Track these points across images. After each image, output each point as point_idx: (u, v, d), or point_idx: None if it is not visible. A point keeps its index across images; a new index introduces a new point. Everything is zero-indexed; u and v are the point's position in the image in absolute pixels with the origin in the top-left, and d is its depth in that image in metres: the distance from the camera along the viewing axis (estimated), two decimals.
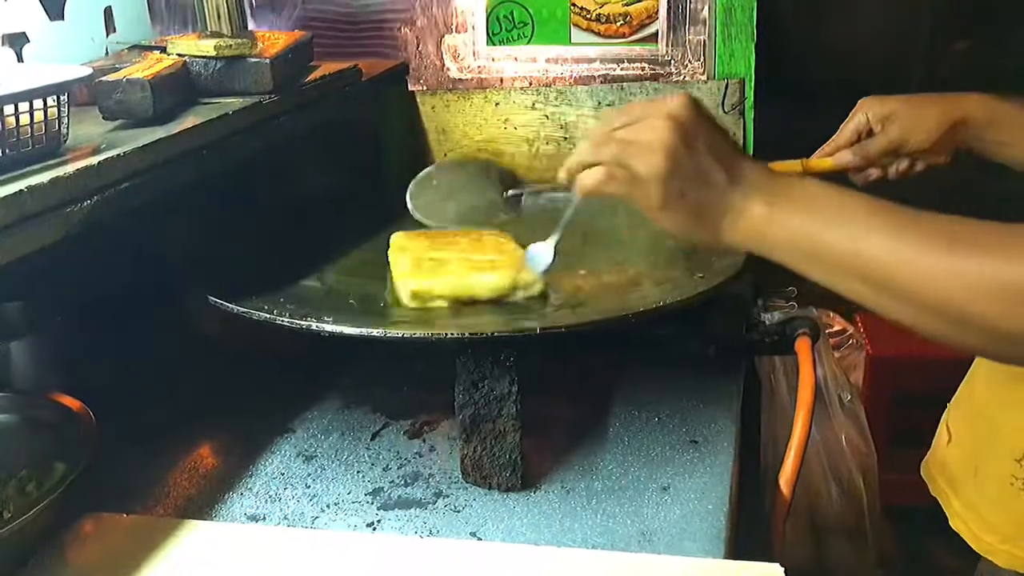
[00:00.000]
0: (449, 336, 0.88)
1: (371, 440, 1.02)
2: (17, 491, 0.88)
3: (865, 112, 1.08)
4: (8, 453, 0.92)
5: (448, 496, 0.91)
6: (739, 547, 0.87)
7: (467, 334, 0.88)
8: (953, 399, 1.10)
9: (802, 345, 1.06)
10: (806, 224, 0.71)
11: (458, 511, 0.89)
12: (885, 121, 1.07)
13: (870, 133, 1.08)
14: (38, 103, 0.83)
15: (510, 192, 1.14)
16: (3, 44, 1.13)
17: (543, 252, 0.96)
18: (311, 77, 1.28)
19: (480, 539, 0.84)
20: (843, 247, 0.69)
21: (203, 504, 0.91)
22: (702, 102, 0.77)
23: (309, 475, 0.96)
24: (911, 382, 1.89)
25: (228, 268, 1.04)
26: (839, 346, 1.38)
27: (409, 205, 1.15)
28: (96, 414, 0.91)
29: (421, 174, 1.16)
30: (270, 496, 0.92)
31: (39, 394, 0.95)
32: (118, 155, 0.85)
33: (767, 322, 1.11)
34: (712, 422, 1.01)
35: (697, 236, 0.77)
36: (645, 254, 1.15)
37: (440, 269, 1.01)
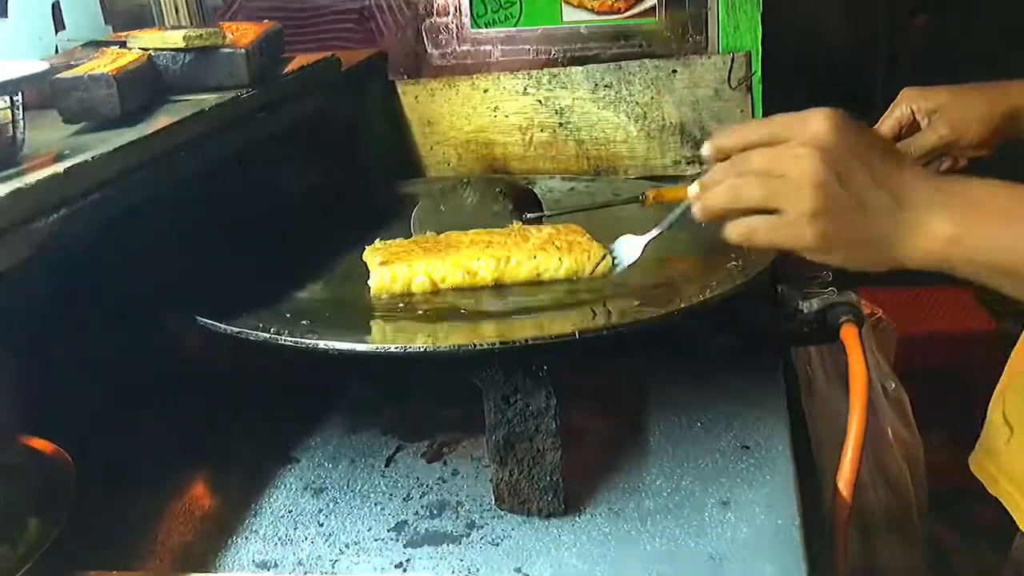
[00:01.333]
0: (477, 347, 0.78)
1: (385, 466, 0.92)
2: None
3: (909, 104, 1.01)
4: None
5: (483, 527, 0.81)
6: None
7: (497, 343, 0.78)
8: (1006, 385, 1.03)
9: (848, 334, 0.97)
10: (1002, 239, 0.64)
11: (497, 544, 0.79)
12: (932, 115, 1.00)
13: (912, 127, 1.02)
14: None
15: (528, 216, 1.04)
16: None
17: (632, 247, 0.91)
18: (288, 69, 1.17)
19: (527, 575, 0.74)
20: None
21: (204, 552, 0.80)
22: (848, 115, 0.68)
23: (321, 511, 0.85)
24: (937, 359, 1.84)
25: (213, 283, 0.93)
26: (871, 331, 1.30)
27: (414, 230, 1.05)
28: (73, 457, 0.80)
29: (425, 197, 1.05)
30: (280, 538, 0.82)
31: (6, 437, 0.83)
32: (87, 161, 0.74)
33: (805, 310, 1.02)
34: (761, 423, 0.92)
35: (868, 267, 0.70)
36: (665, 242, 1.06)
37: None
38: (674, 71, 1.35)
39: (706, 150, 0.76)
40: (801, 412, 1.08)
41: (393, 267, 0.95)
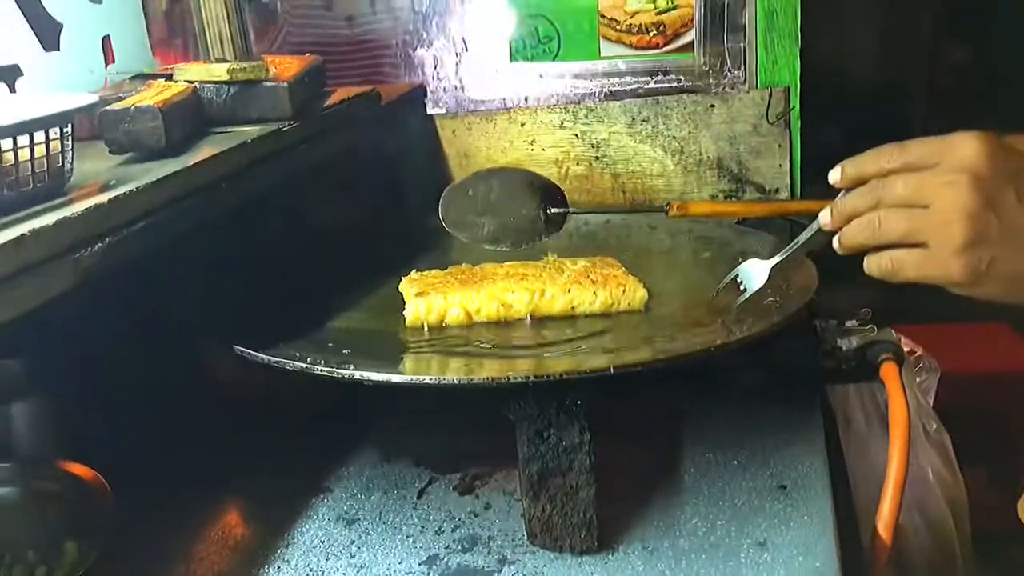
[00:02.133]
0: (511, 380, 0.78)
1: (418, 498, 0.91)
2: None
3: None
4: (12, 532, 0.81)
5: (515, 563, 0.80)
6: None
7: (531, 377, 0.78)
8: None
9: (889, 371, 0.96)
10: None
11: None
12: None
13: None
14: (38, 136, 0.73)
15: (552, 210, 1.04)
16: None
17: (758, 271, 0.89)
18: (329, 102, 1.19)
19: None
20: None
21: None
22: (997, 138, 0.64)
23: (353, 542, 0.85)
24: (981, 398, 1.79)
25: (251, 312, 0.94)
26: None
27: (440, 214, 1.05)
28: (110, 482, 0.80)
29: (456, 183, 1.06)
30: (311, 569, 0.82)
31: (46, 463, 0.84)
32: (131, 191, 0.76)
33: (844, 347, 1.01)
34: (798, 463, 0.90)
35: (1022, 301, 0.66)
36: (699, 275, 1.05)
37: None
38: (712, 106, 1.35)
39: (835, 176, 0.73)
40: (839, 451, 1.06)
41: (428, 298, 0.96)
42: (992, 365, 1.95)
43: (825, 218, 0.75)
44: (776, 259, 0.89)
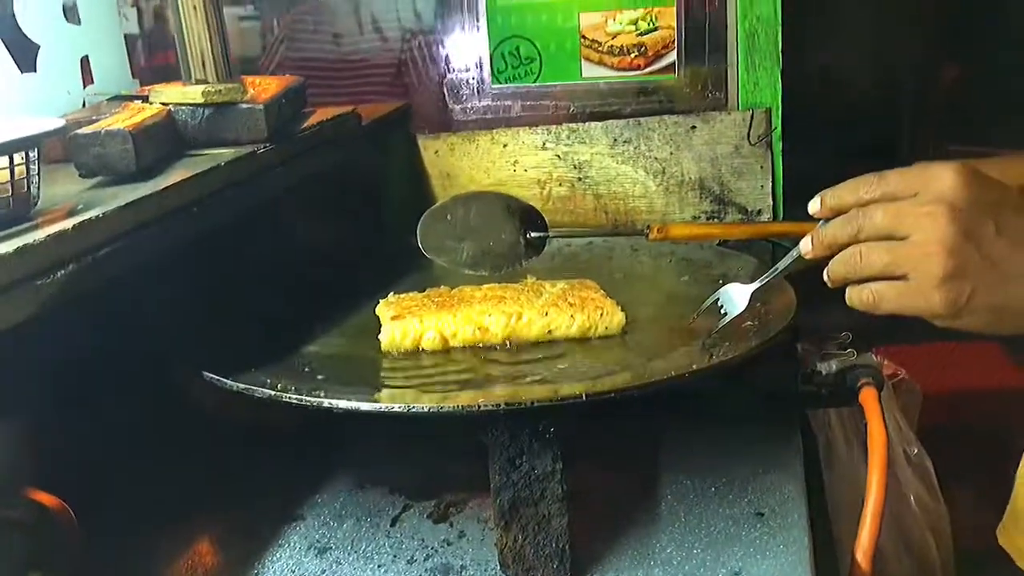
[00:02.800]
0: (481, 407, 0.77)
1: (391, 526, 0.90)
2: None
3: None
4: None
5: None
6: None
7: (502, 404, 0.77)
8: None
9: (868, 396, 0.95)
10: None
11: None
12: None
13: None
14: (3, 161, 0.72)
15: (532, 234, 1.03)
16: None
17: (739, 295, 0.90)
18: (307, 124, 1.18)
19: None
20: None
21: None
22: (976, 169, 0.64)
23: (324, 571, 0.84)
24: (964, 416, 1.78)
25: (222, 338, 0.93)
26: (894, 390, 1.27)
27: (419, 239, 1.04)
28: (76, 511, 0.79)
29: (434, 207, 1.05)
30: None
31: (10, 491, 0.83)
32: (97, 216, 0.75)
33: (823, 372, 1.00)
34: (776, 490, 0.90)
35: (1005, 331, 0.66)
36: (679, 298, 1.05)
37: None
38: (693, 127, 1.35)
39: (814, 206, 0.74)
40: (819, 478, 1.05)
41: (404, 322, 0.95)
42: (979, 383, 1.95)
43: (806, 246, 0.76)
44: (756, 284, 0.89)
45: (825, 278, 0.74)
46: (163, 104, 1.02)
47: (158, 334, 0.91)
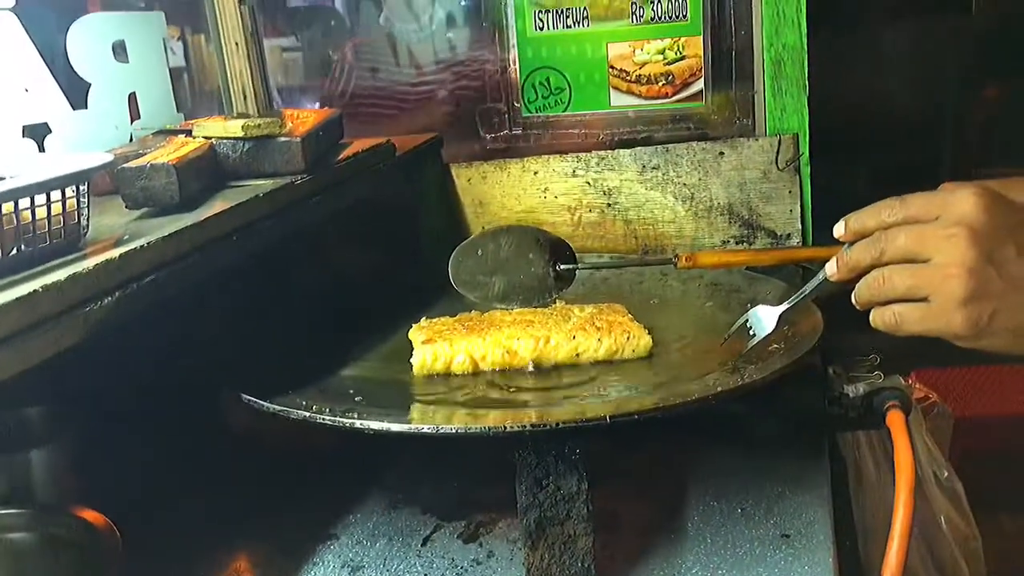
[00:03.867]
0: (508, 429, 0.79)
1: (422, 546, 0.92)
2: None
3: None
4: None
5: None
6: None
7: (528, 426, 0.79)
8: None
9: (895, 419, 0.95)
10: None
11: None
12: None
13: None
14: (55, 195, 0.76)
15: (561, 267, 1.06)
16: (24, 135, 1.08)
17: (768, 317, 0.92)
18: (343, 155, 1.22)
19: None
20: None
21: None
22: (997, 192, 0.66)
23: None
24: (1001, 440, 1.76)
25: (261, 362, 0.96)
26: (924, 416, 1.27)
27: (451, 276, 1.07)
28: (121, 527, 0.82)
29: (465, 243, 1.08)
30: None
31: (60, 509, 0.86)
32: (141, 246, 0.78)
33: (851, 394, 1.01)
34: (802, 512, 0.90)
35: None
36: (707, 322, 1.06)
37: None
38: (721, 153, 1.37)
39: (839, 230, 0.76)
40: (847, 500, 1.05)
41: (434, 346, 0.98)
42: (1014, 409, 1.93)
43: (831, 269, 0.78)
44: (785, 306, 0.91)
45: (853, 301, 0.76)
46: (205, 138, 1.06)
47: (199, 358, 0.95)
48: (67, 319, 0.70)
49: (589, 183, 1.42)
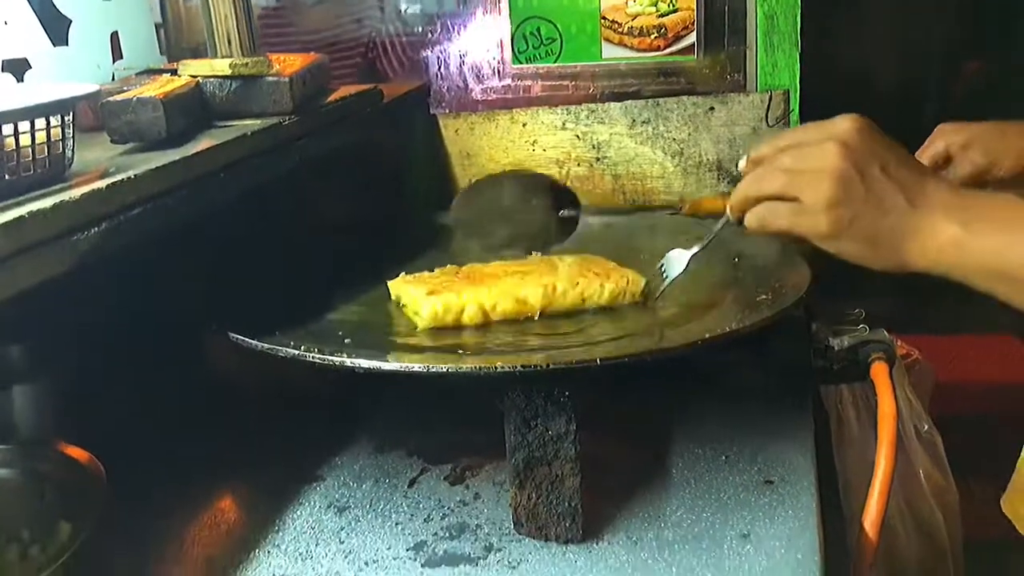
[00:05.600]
0: (498, 370, 0.79)
1: (409, 487, 0.92)
2: (19, 556, 0.79)
3: (943, 140, 1.02)
4: (8, 513, 0.83)
5: (500, 550, 0.81)
6: None
7: (518, 367, 0.79)
8: None
9: (879, 371, 0.97)
10: (1006, 244, 0.67)
11: (513, 567, 0.79)
12: (966, 148, 1.01)
13: (947, 162, 1.02)
14: (40, 123, 0.75)
15: (564, 212, 1.05)
16: (3, 70, 1.06)
17: (679, 260, 0.95)
18: (330, 99, 1.20)
19: None
20: None
21: (227, 564, 0.82)
22: (875, 125, 0.74)
23: (342, 528, 0.86)
24: (979, 406, 1.79)
25: (247, 301, 0.95)
26: (907, 372, 1.28)
27: (452, 223, 1.06)
28: (106, 465, 0.82)
29: (466, 189, 1.07)
30: (300, 553, 0.83)
31: (43, 445, 0.86)
32: (128, 178, 0.77)
33: (836, 347, 1.02)
34: (786, 459, 0.91)
35: (875, 263, 0.74)
36: (697, 275, 1.06)
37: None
38: (712, 108, 1.36)
39: (742, 164, 0.82)
40: (829, 451, 1.07)
41: (443, 297, 0.95)
42: (997, 375, 1.95)
43: (728, 212, 0.83)
44: (696, 248, 0.95)
45: (727, 209, 0.82)
46: (192, 76, 1.04)
47: (186, 295, 0.94)
48: (53, 247, 0.69)
49: (578, 136, 1.41)
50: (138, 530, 0.86)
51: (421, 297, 0.96)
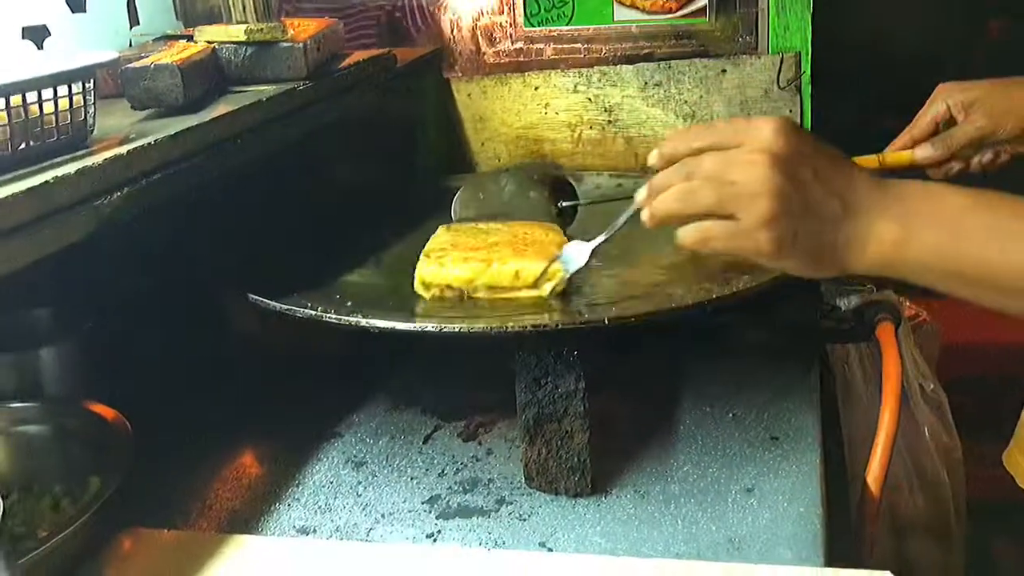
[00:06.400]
0: (509, 329, 0.81)
1: (424, 444, 0.95)
2: (51, 508, 0.83)
3: (945, 100, 1.00)
4: (41, 467, 0.87)
5: (512, 503, 0.84)
6: None
7: (529, 326, 0.81)
8: None
9: (885, 331, 0.98)
10: (944, 240, 0.66)
11: (524, 519, 0.82)
12: (969, 109, 0.99)
13: (950, 123, 1.01)
14: (62, 90, 0.77)
15: (563, 204, 1.07)
16: (23, 37, 1.08)
17: (579, 252, 0.89)
18: (344, 64, 1.21)
19: (551, 549, 0.77)
20: (989, 259, 0.64)
21: (248, 517, 0.85)
22: (796, 123, 0.70)
23: (360, 483, 0.89)
24: (987, 368, 1.80)
25: (266, 264, 0.98)
26: (913, 332, 1.30)
27: (454, 218, 1.07)
28: (132, 423, 0.85)
29: (466, 185, 1.08)
30: (320, 507, 0.86)
31: (72, 403, 0.89)
32: (149, 144, 0.79)
33: (842, 307, 1.03)
34: (792, 417, 0.93)
35: (817, 273, 0.70)
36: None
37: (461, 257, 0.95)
38: (723, 71, 1.36)
39: (653, 158, 0.75)
40: (836, 409, 1.09)
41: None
42: (1006, 337, 1.95)
43: (641, 195, 0.75)
44: (598, 240, 0.88)
45: (645, 216, 0.74)
46: (208, 43, 1.06)
47: (206, 258, 0.96)
48: (77, 212, 0.72)
49: (590, 99, 1.42)
50: (164, 483, 0.89)
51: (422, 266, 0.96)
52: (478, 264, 0.91)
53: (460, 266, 0.91)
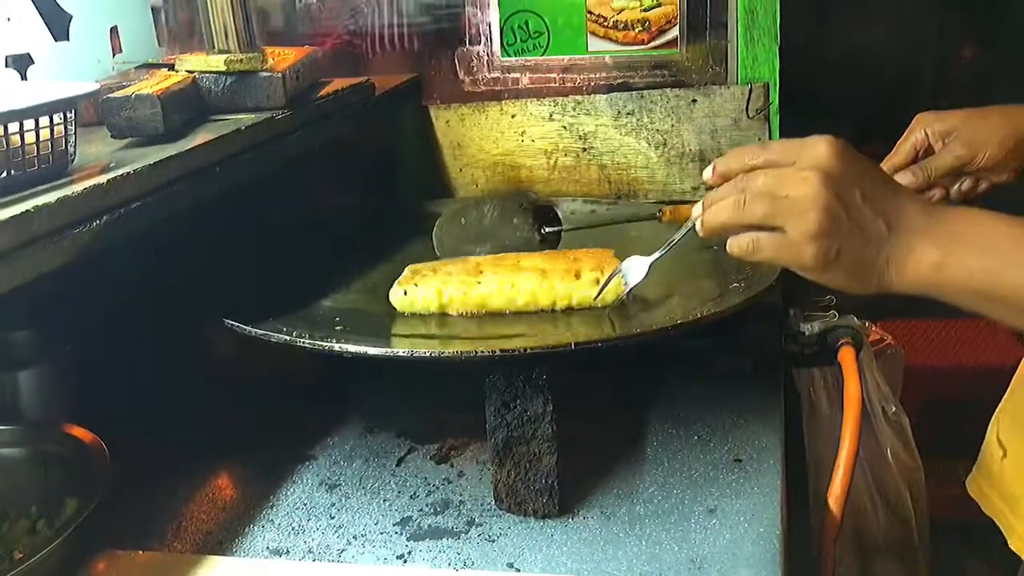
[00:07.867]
0: (479, 354, 0.84)
1: (396, 466, 0.97)
2: (27, 530, 0.84)
3: (923, 128, 1.03)
4: (17, 489, 0.88)
5: (481, 525, 0.86)
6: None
7: (497, 351, 0.83)
8: (1000, 408, 1.05)
9: (846, 355, 1.01)
10: (984, 265, 0.68)
11: (493, 540, 0.84)
12: (947, 137, 1.01)
13: (928, 151, 1.03)
14: (43, 120, 0.79)
15: (546, 230, 1.09)
16: (7, 65, 1.10)
17: (638, 267, 0.93)
18: (323, 92, 1.24)
19: (518, 570, 0.79)
20: None
21: (223, 538, 0.86)
22: (849, 145, 0.72)
23: (333, 505, 0.91)
24: (949, 391, 1.83)
25: (243, 290, 1.00)
26: (877, 356, 1.33)
27: (436, 246, 1.09)
28: (109, 446, 0.87)
29: (447, 212, 1.10)
30: (293, 528, 0.87)
31: (49, 426, 0.90)
32: (128, 173, 0.81)
33: (806, 332, 1.06)
34: (755, 439, 0.96)
35: (857, 290, 0.73)
36: (674, 263, 1.10)
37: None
38: (694, 100, 1.40)
39: (707, 174, 0.79)
40: (799, 432, 1.11)
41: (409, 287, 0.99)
42: (971, 360, 1.99)
43: (697, 210, 0.79)
44: (656, 255, 0.92)
45: (697, 226, 0.78)
46: (188, 72, 1.08)
47: (184, 285, 0.98)
48: (57, 240, 0.74)
49: (565, 127, 1.45)
50: (139, 505, 0.91)
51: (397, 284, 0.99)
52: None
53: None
